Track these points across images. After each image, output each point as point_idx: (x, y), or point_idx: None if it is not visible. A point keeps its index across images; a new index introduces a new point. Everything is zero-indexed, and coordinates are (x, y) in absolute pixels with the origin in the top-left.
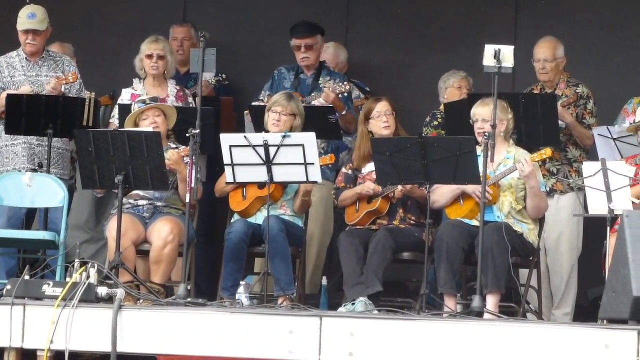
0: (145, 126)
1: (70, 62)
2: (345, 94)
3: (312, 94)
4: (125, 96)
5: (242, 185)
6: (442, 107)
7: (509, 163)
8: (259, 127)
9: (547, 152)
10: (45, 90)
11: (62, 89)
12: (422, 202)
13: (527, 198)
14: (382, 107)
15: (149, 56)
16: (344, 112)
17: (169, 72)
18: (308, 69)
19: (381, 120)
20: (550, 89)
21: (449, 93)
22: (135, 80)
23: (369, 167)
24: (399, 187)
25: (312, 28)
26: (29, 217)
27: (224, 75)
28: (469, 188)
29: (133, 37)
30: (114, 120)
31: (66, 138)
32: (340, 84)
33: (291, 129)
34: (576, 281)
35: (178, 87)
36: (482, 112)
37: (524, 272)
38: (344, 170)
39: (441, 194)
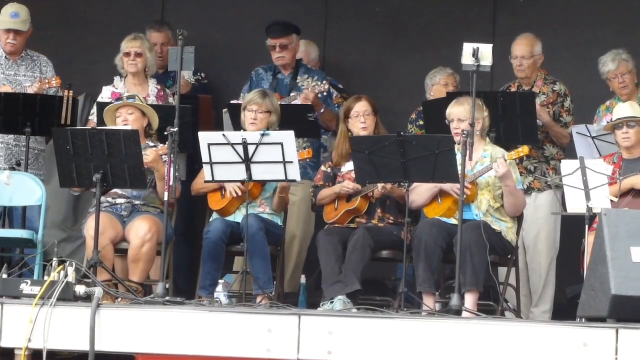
0: (119, 124)
1: (47, 63)
2: (325, 93)
3: (292, 94)
4: (105, 94)
5: (221, 185)
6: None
7: (486, 161)
8: (238, 125)
9: (524, 149)
10: (27, 91)
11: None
12: (401, 202)
13: (504, 197)
14: (360, 107)
15: (127, 54)
16: (322, 110)
17: (150, 69)
18: (285, 68)
19: (359, 120)
20: (527, 86)
21: (435, 90)
22: (116, 78)
23: (348, 165)
24: (379, 187)
25: (286, 27)
26: (5, 216)
27: (203, 75)
28: (447, 185)
29: (111, 36)
30: (93, 118)
31: (44, 136)
32: (319, 83)
33: (268, 127)
34: (554, 279)
35: (159, 87)
36: (457, 112)
37: (502, 271)
38: (323, 168)
39: (419, 193)
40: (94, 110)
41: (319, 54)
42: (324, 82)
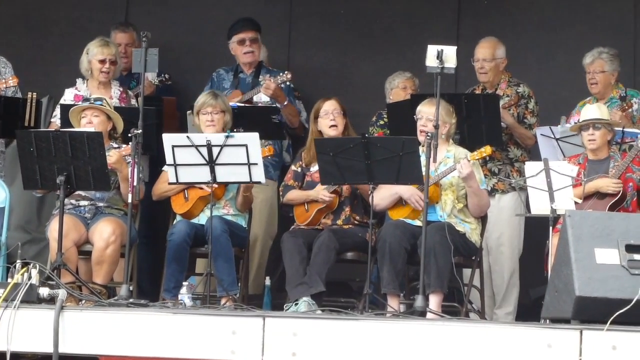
0: (84, 125)
1: (6, 64)
2: (288, 83)
3: (252, 90)
4: (68, 96)
5: (183, 188)
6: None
7: (449, 162)
8: (196, 127)
9: (486, 150)
10: None
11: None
12: (366, 198)
13: (468, 197)
14: (329, 106)
15: (102, 61)
16: (285, 103)
17: (115, 73)
18: (249, 66)
19: (328, 119)
20: (491, 89)
21: (394, 94)
22: (79, 81)
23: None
24: None
25: (254, 22)
26: None
27: (167, 76)
28: (406, 194)
29: (74, 37)
30: (56, 120)
31: (7, 138)
32: (281, 73)
33: (224, 126)
34: (518, 281)
35: (121, 89)
36: (427, 111)
37: (467, 272)
38: (293, 168)
39: (381, 197)
40: (57, 112)
41: (267, 55)
42: (286, 72)
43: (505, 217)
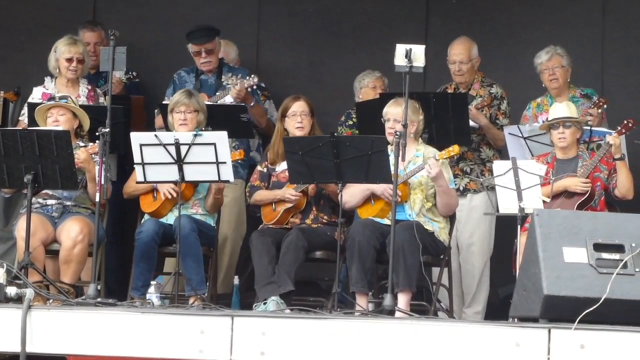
0: (50, 124)
1: None
2: (255, 87)
3: (218, 93)
4: (36, 95)
5: (153, 187)
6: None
7: (418, 161)
8: (170, 126)
9: (454, 149)
10: None
11: None
12: (333, 198)
13: (437, 196)
14: (297, 107)
15: (69, 60)
16: (252, 104)
17: (83, 72)
18: (210, 71)
19: (295, 120)
20: (464, 89)
21: (363, 93)
22: (47, 79)
23: (284, 165)
24: None
25: (210, 32)
26: None
27: (134, 73)
28: (378, 189)
29: (42, 35)
30: (24, 119)
31: None
32: (248, 77)
33: (197, 126)
34: (488, 280)
35: (89, 87)
36: (394, 112)
37: (435, 271)
38: (259, 168)
39: (351, 194)
40: (25, 110)
41: (238, 53)
42: (253, 76)
43: (477, 217)
